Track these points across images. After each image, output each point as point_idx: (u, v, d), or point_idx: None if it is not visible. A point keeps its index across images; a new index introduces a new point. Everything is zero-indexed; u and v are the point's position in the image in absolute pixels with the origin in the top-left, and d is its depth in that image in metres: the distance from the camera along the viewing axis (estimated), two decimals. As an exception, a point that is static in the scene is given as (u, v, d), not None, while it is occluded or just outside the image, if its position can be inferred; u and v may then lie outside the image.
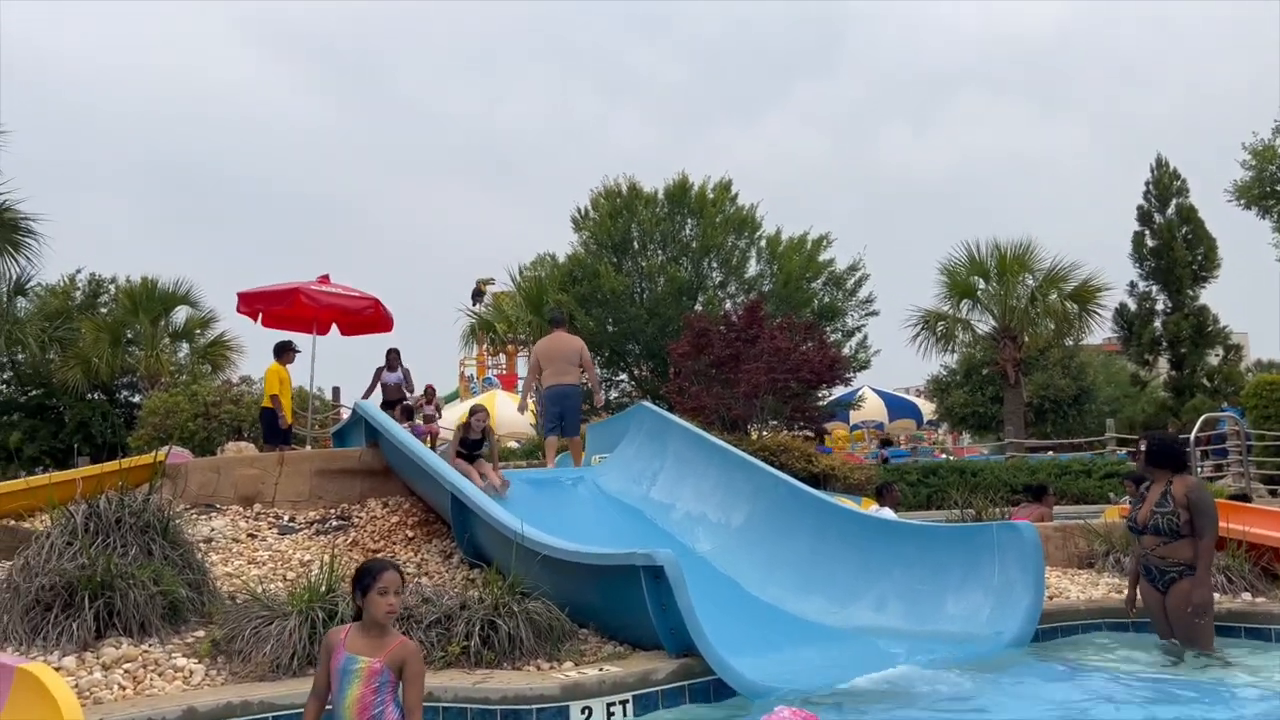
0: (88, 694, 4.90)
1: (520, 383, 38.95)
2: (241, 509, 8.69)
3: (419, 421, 13.67)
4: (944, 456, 24.42)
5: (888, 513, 9.14)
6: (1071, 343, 26.14)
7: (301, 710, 4.94)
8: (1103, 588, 7.71)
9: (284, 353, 12.42)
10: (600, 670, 5.26)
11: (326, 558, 6.27)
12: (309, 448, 12.54)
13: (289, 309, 12.98)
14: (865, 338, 28.18)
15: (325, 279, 13.32)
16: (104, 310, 26.34)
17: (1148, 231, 26.35)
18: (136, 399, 24.92)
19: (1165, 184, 26.36)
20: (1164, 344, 26.02)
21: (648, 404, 11.05)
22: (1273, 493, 16.22)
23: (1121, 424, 24.14)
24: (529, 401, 12.15)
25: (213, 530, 7.92)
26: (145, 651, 5.39)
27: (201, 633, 5.71)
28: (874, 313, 28.03)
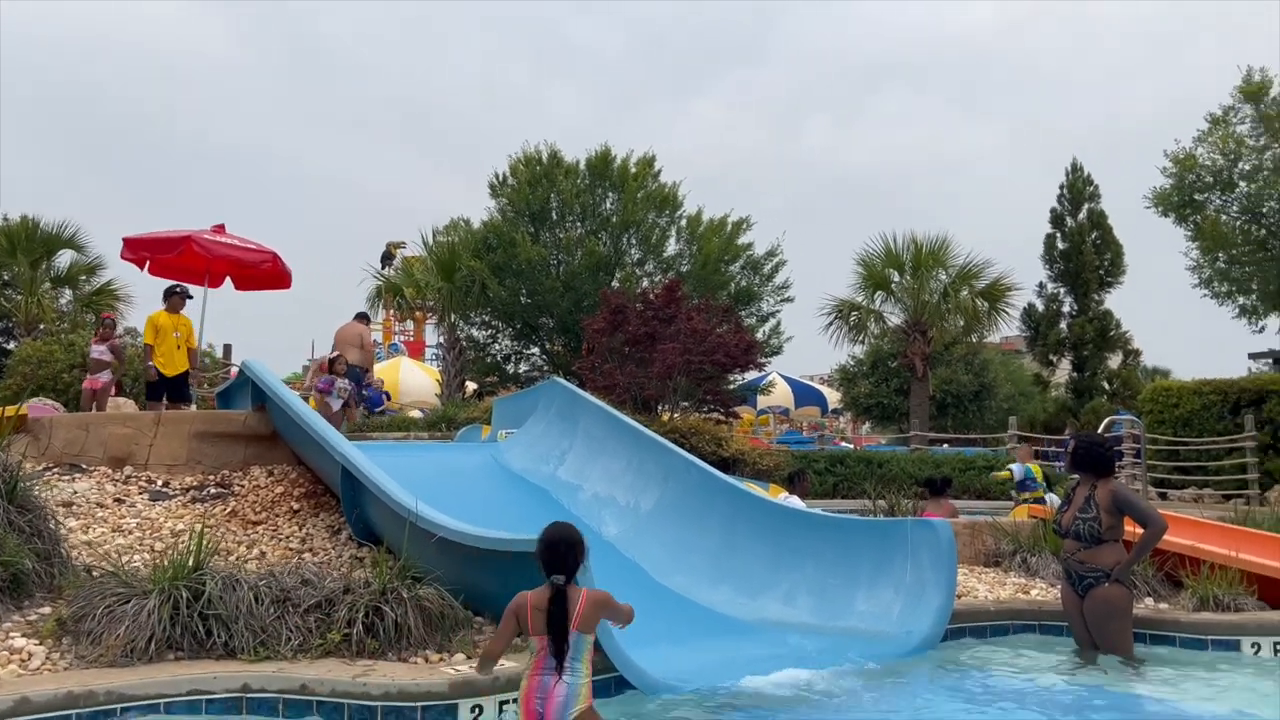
0: (-98, 678, 4.30)
1: (427, 350, 38.31)
2: (110, 471, 7.99)
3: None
4: (844, 445, 24.63)
5: (796, 501, 8.95)
6: (976, 339, 26.58)
7: (158, 701, 4.44)
8: (1010, 587, 7.64)
9: (167, 298, 11.43)
10: (494, 664, 4.86)
11: (199, 528, 5.70)
12: (194, 408, 11.72)
13: (179, 258, 12.13)
14: (779, 324, 28.15)
15: (220, 229, 12.48)
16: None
17: (1059, 234, 26.89)
18: (11, 346, 23.37)
19: (1079, 188, 26.91)
20: (1068, 345, 26.62)
21: (559, 380, 10.65)
22: (1163, 495, 16.71)
23: (1022, 422, 24.68)
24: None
25: (75, 493, 7.24)
26: (-23, 630, 4.79)
27: (47, 610, 5.12)
28: (789, 299, 28.00)
